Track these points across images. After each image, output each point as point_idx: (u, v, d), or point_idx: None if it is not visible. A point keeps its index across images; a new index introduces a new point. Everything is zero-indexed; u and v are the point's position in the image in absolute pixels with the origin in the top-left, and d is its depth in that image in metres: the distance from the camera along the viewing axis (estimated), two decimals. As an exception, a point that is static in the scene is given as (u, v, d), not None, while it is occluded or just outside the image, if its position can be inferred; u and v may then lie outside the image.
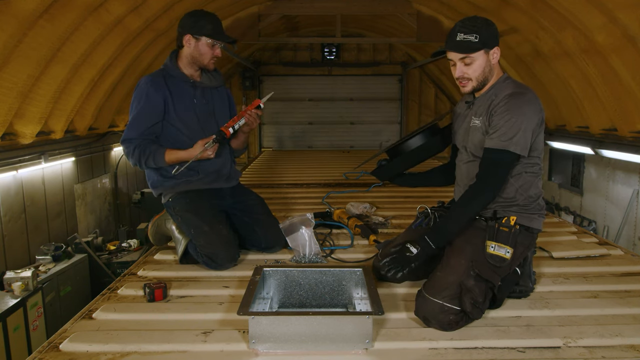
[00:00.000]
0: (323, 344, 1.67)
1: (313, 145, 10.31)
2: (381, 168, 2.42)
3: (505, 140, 1.92)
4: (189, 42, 2.55)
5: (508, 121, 1.92)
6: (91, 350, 1.70)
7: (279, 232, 2.66)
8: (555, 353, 1.69)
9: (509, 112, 1.93)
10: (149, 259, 2.68)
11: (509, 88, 2.00)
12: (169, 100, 2.56)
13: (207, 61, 2.60)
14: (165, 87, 2.56)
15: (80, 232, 5.97)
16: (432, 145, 2.35)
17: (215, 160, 2.62)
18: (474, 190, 1.98)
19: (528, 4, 4.76)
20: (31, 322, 4.06)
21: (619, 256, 2.69)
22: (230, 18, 6.47)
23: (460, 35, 1.95)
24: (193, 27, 2.54)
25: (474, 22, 1.97)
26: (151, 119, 2.53)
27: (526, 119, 1.92)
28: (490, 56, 1.99)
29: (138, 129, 2.52)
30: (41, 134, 4.82)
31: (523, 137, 1.92)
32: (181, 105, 2.60)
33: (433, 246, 1.95)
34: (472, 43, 1.94)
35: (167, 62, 2.63)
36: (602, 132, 5.35)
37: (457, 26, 1.99)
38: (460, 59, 1.99)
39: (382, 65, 10.39)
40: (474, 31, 1.94)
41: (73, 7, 3.88)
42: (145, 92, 2.53)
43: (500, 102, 1.96)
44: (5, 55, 3.58)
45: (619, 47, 4.23)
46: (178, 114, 2.59)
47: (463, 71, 2.00)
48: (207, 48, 2.56)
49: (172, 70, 2.60)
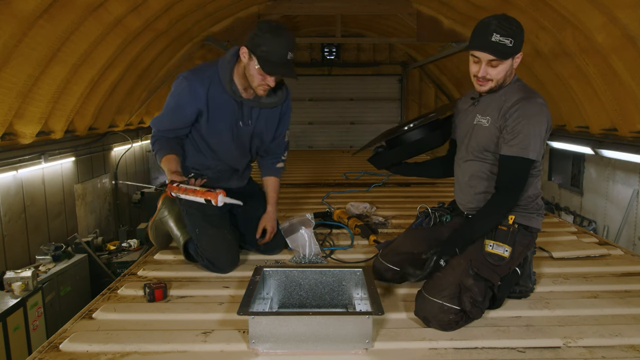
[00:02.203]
0: (323, 344, 1.67)
1: (313, 145, 10.31)
2: (378, 156, 2.39)
3: (524, 148, 1.92)
4: (244, 55, 2.26)
5: (525, 127, 1.91)
6: (91, 350, 1.70)
7: (280, 237, 2.66)
8: (555, 353, 1.69)
9: (524, 117, 1.91)
10: (149, 259, 2.68)
11: (520, 91, 1.98)
12: (205, 112, 2.36)
13: (255, 85, 2.30)
14: (205, 98, 2.33)
15: (80, 232, 5.96)
16: (433, 139, 2.34)
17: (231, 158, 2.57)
18: (497, 201, 1.97)
19: (528, 4, 4.76)
20: (31, 322, 4.05)
21: (619, 256, 2.69)
22: (230, 18, 6.47)
23: (496, 37, 1.87)
24: (252, 40, 2.21)
25: (510, 23, 1.89)
26: (175, 124, 2.42)
27: (540, 124, 1.92)
28: (514, 61, 1.97)
29: (161, 125, 2.44)
30: (41, 134, 4.82)
31: (539, 143, 1.93)
32: (218, 120, 2.40)
33: (457, 252, 1.94)
34: (507, 48, 1.88)
35: (224, 61, 2.33)
36: (602, 132, 5.34)
37: (492, 24, 1.88)
38: (489, 61, 1.93)
39: (382, 65, 10.39)
40: (510, 35, 1.87)
41: (73, 7, 3.88)
42: (177, 99, 2.35)
43: (513, 105, 1.94)
44: (5, 55, 3.57)
45: (619, 47, 4.23)
46: (211, 128, 2.42)
47: (487, 72, 1.95)
48: (257, 72, 2.24)
49: (222, 76, 2.33)
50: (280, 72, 2.25)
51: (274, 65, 2.20)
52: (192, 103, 2.34)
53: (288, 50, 2.21)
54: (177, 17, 5.39)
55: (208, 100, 2.34)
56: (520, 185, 1.98)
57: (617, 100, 4.77)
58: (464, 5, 5.64)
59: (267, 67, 2.20)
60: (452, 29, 6.39)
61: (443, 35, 6.47)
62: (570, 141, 6.16)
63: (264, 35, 2.18)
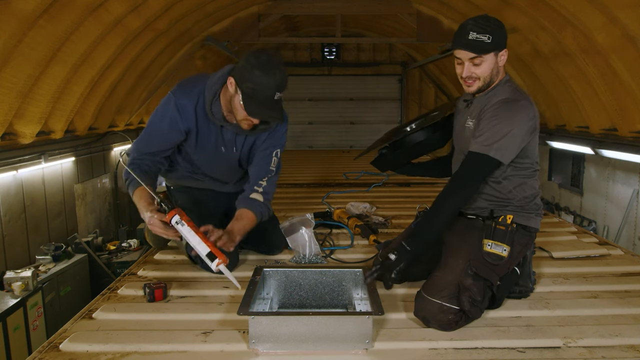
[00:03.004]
0: (323, 344, 1.67)
1: (313, 145, 10.32)
2: (381, 158, 2.41)
3: (486, 145, 1.90)
4: (231, 85, 2.08)
5: (494, 126, 1.90)
6: (91, 350, 1.70)
7: (280, 236, 2.65)
8: (555, 353, 1.69)
9: (496, 117, 1.91)
10: (149, 259, 2.68)
11: (505, 93, 1.98)
12: (193, 134, 2.23)
13: (239, 119, 2.13)
14: (194, 120, 2.19)
15: (80, 232, 5.96)
16: (435, 141, 2.36)
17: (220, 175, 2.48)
18: (448, 191, 1.96)
19: (528, 4, 4.76)
20: (31, 322, 4.05)
21: (618, 256, 2.69)
22: (230, 18, 6.47)
23: (472, 35, 1.89)
24: (240, 72, 2.04)
25: (487, 21, 1.92)
26: (162, 145, 2.26)
27: (514, 126, 1.90)
28: (498, 58, 1.97)
29: (147, 147, 2.23)
30: (41, 134, 4.82)
31: (507, 143, 1.89)
32: (204, 144, 2.28)
33: (408, 248, 1.93)
34: (484, 44, 1.90)
35: (212, 80, 2.16)
36: (602, 132, 5.35)
37: (469, 24, 1.92)
38: (470, 59, 1.94)
39: (382, 65, 10.39)
40: (487, 31, 1.89)
41: (73, 7, 3.88)
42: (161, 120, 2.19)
43: (491, 107, 1.95)
44: (5, 55, 3.57)
45: (619, 47, 4.23)
46: (197, 147, 2.30)
47: (471, 71, 1.96)
48: (241, 107, 2.07)
49: (207, 97, 2.17)
50: (262, 114, 2.08)
51: (258, 105, 2.04)
52: (180, 123, 2.20)
53: (276, 90, 2.04)
54: (177, 17, 5.39)
55: (197, 120, 2.21)
56: (474, 182, 1.94)
57: (617, 100, 4.77)
58: (464, 5, 5.65)
59: (250, 107, 2.04)
60: (452, 29, 6.38)
61: (443, 35, 6.48)
62: (570, 141, 6.16)
63: (252, 71, 2.00)
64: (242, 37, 6.70)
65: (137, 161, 2.22)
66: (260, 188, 2.30)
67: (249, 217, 2.22)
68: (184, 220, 1.92)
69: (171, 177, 2.57)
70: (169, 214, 1.94)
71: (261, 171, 2.34)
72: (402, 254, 1.94)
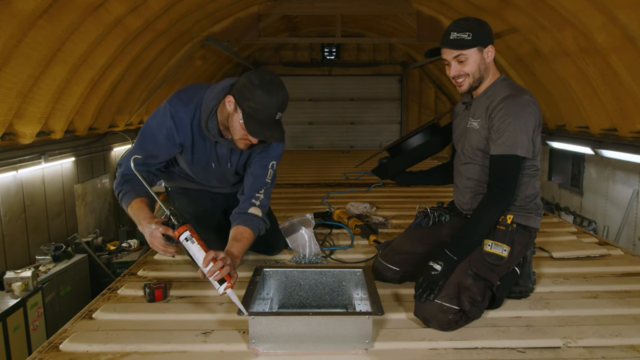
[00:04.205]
0: (323, 344, 1.67)
1: (313, 145, 10.32)
2: (382, 166, 2.43)
3: (511, 145, 1.92)
4: (230, 104, 2.05)
5: (510, 124, 1.92)
6: (91, 350, 1.70)
7: (280, 236, 2.65)
8: (555, 353, 1.69)
9: (510, 115, 1.92)
10: (149, 259, 2.68)
11: (506, 90, 2.00)
12: (188, 148, 2.20)
13: (237, 138, 2.09)
14: (190, 134, 2.15)
15: (80, 232, 5.96)
16: (433, 144, 2.37)
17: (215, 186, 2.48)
18: (489, 200, 1.96)
19: (528, 4, 4.76)
20: (31, 322, 4.06)
21: (618, 256, 2.69)
22: (230, 18, 6.48)
23: (453, 34, 1.97)
24: (241, 91, 2.01)
25: (466, 21, 2.00)
26: (154, 157, 2.21)
27: (526, 121, 1.93)
28: (484, 54, 2.00)
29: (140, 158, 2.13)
30: (41, 134, 4.82)
31: (526, 139, 1.93)
32: (199, 157, 2.25)
33: (455, 259, 1.91)
34: (465, 40, 1.96)
35: (211, 94, 2.12)
36: (602, 132, 5.35)
37: (450, 26, 2.01)
38: (455, 57, 2.00)
39: (382, 65, 10.40)
40: (466, 30, 1.96)
41: (73, 7, 3.88)
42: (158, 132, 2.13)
43: (499, 104, 1.96)
44: (5, 55, 3.58)
45: (619, 47, 4.23)
46: (194, 164, 2.28)
47: (458, 69, 2.01)
48: (240, 126, 2.04)
49: (203, 111, 2.12)
50: (264, 134, 2.04)
51: (259, 124, 2.01)
52: (179, 136, 2.16)
53: (278, 110, 2.04)
54: (177, 17, 5.39)
55: (193, 133, 2.18)
56: (511, 184, 1.97)
57: (617, 100, 4.78)
58: (464, 6, 5.64)
59: (251, 127, 2.01)
60: (452, 29, 6.39)
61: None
62: (570, 141, 6.16)
63: (254, 91, 1.98)
64: (242, 37, 6.70)
65: (131, 172, 2.10)
66: (257, 201, 2.27)
67: (247, 237, 2.18)
68: (194, 237, 1.86)
69: (168, 180, 2.57)
70: (178, 229, 1.87)
71: (257, 183, 2.30)
72: (448, 263, 1.90)
